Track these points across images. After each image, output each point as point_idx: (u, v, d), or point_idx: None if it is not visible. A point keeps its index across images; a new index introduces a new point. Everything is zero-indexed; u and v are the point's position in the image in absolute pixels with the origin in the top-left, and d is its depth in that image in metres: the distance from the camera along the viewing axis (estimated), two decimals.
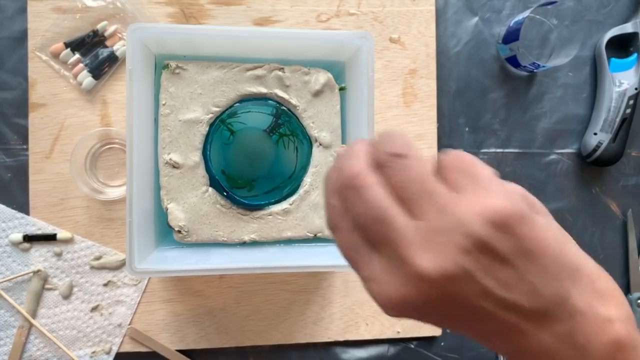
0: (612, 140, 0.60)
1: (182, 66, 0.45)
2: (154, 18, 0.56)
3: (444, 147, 0.60)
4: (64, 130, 0.55)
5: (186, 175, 0.45)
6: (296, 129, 0.48)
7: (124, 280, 0.55)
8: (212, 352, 0.57)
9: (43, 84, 0.55)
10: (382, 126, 0.58)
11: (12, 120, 0.55)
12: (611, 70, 0.60)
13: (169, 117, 0.45)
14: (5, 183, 0.55)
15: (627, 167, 0.63)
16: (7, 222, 0.54)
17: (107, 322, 0.55)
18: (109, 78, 0.55)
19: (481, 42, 0.61)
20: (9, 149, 0.55)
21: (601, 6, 0.63)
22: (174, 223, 0.45)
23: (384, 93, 0.59)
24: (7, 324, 0.54)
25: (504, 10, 0.62)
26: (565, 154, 0.62)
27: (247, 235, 0.46)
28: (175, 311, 0.56)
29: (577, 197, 0.62)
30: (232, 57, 0.46)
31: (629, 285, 0.62)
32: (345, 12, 0.58)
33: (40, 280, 0.54)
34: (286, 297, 0.57)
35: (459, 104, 0.61)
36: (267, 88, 0.46)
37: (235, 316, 0.56)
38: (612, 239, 0.63)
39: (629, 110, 0.59)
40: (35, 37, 0.54)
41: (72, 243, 0.55)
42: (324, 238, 0.48)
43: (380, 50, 0.59)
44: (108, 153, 0.55)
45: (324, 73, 0.47)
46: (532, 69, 0.59)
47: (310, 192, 0.47)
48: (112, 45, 0.56)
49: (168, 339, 0.56)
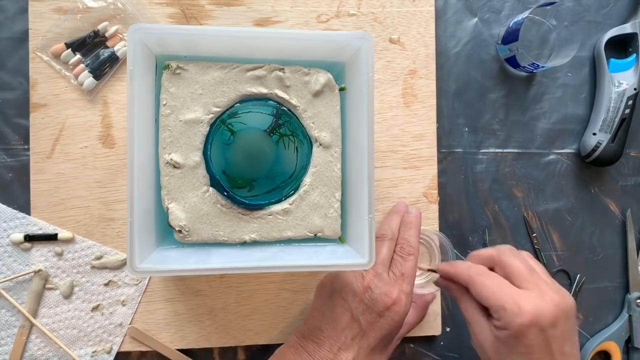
0: (611, 141, 0.60)
1: (182, 66, 0.45)
2: (155, 19, 0.56)
3: (443, 147, 0.60)
4: (64, 130, 0.55)
5: (187, 175, 0.45)
6: (296, 129, 0.48)
7: (125, 279, 0.55)
8: (212, 352, 0.57)
9: (44, 85, 0.55)
10: (382, 126, 0.58)
11: (13, 120, 0.55)
12: (610, 71, 0.60)
13: (169, 117, 0.45)
14: (6, 183, 0.55)
15: (626, 167, 0.63)
16: (8, 222, 0.54)
17: (108, 322, 0.55)
18: (110, 78, 0.56)
19: (480, 42, 0.61)
20: (10, 149, 0.55)
21: (600, 7, 0.63)
22: (175, 223, 0.45)
23: (383, 93, 0.59)
24: (8, 324, 0.54)
25: (503, 10, 0.62)
26: (564, 154, 0.63)
27: (248, 235, 0.46)
28: (175, 310, 0.56)
29: (577, 197, 0.63)
30: (233, 57, 0.46)
31: (628, 285, 0.63)
32: (345, 12, 0.58)
33: (41, 280, 0.54)
34: (286, 296, 0.57)
35: (458, 104, 0.61)
36: (267, 88, 0.46)
37: (235, 315, 0.57)
38: (611, 239, 0.63)
39: (627, 111, 0.59)
40: (36, 38, 0.54)
41: (73, 243, 0.55)
42: (324, 238, 0.48)
43: (380, 51, 0.59)
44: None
45: (324, 73, 0.47)
46: (532, 70, 0.59)
47: (310, 192, 0.47)
48: (113, 45, 0.56)
49: (169, 338, 0.56)
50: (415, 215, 0.50)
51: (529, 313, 0.41)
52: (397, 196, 0.59)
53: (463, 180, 0.61)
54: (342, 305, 0.46)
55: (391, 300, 0.45)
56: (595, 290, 0.62)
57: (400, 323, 0.46)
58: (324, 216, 0.47)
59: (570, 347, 0.43)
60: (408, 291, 0.46)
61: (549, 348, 0.42)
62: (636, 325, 0.61)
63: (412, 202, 0.59)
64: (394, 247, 0.49)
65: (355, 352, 0.45)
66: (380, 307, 0.45)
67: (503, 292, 0.43)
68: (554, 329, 0.42)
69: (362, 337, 0.45)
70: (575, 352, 0.44)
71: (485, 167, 0.61)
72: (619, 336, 0.61)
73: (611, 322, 0.63)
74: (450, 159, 0.61)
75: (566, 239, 0.62)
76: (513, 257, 0.46)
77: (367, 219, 0.42)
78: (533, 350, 0.42)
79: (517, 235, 0.62)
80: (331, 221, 0.48)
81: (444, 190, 0.60)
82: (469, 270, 0.46)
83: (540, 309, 0.41)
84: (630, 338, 0.62)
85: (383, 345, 0.46)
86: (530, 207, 0.62)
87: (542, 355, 0.42)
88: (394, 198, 0.59)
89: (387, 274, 0.46)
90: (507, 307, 0.42)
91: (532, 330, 0.41)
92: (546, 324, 0.41)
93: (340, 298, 0.46)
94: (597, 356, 0.62)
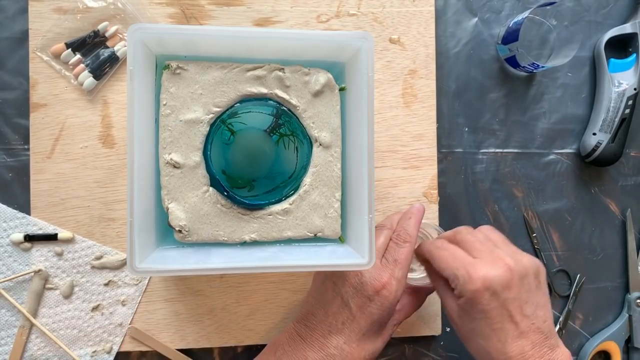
0: (611, 141, 0.60)
1: (182, 66, 0.45)
2: (155, 19, 0.56)
3: (443, 147, 0.60)
4: (65, 130, 0.55)
5: (187, 175, 0.45)
6: (296, 129, 0.48)
7: (125, 279, 0.55)
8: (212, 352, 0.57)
9: (44, 84, 0.55)
10: (382, 126, 0.58)
11: (13, 120, 0.55)
12: (610, 71, 0.60)
13: (169, 117, 0.45)
14: (6, 183, 0.55)
15: (626, 167, 0.63)
16: (8, 222, 0.54)
17: (108, 322, 0.55)
18: (110, 78, 0.56)
19: (480, 42, 0.61)
20: (10, 149, 0.55)
21: (600, 7, 0.63)
22: (175, 223, 0.45)
23: (383, 93, 0.59)
24: (8, 324, 0.54)
25: (503, 10, 0.62)
26: (564, 154, 0.63)
27: (248, 234, 0.46)
28: (175, 310, 0.56)
29: (576, 197, 0.63)
30: (233, 57, 0.46)
31: (627, 285, 0.63)
32: (345, 12, 0.58)
33: (41, 280, 0.54)
34: (286, 296, 0.57)
35: (458, 104, 0.61)
36: (267, 88, 0.46)
37: (235, 315, 0.57)
38: (611, 239, 0.63)
39: (627, 111, 0.59)
40: (36, 38, 0.55)
41: (73, 243, 0.55)
42: (324, 238, 0.48)
43: (380, 51, 0.59)
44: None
45: (324, 73, 0.47)
46: (532, 70, 0.59)
47: (310, 192, 0.47)
48: (113, 45, 0.56)
49: (169, 338, 0.56)
50: (418, 208, 0.50)
51: (479, 279, 0.43)
52: (397, 196, 0.59)
53: (463, 180, 0.61)
54: (332, 289, 0.47)
55: (380, 284, 0.45)
56: (595, 290, 0.62)
57: (390, 309, 0.46)
58: (324, 216, 0.47)
59: (533, 309, 0.44)
60: (399, 276, 0.46)
61: (506, 311, 0.43)
62: (636, 325, 0.61)
63: (412, 202, 0.59)
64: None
65: (345, 336, 0.45)
66: (369, 290, 0.45)
67: (456, 262, 0.45)
68: (507, 292, 0.43)
69: (352, 322, 0.45)
70: (541, 313, 0.44)
71: (485, 167, 0.61)
72: (619, 336, 0.61)
73: (611, 322, 0.63)
74: (450, 159, 0.61)
75: (566, 239, 0.62)
76: (466, 233, 0.48)
77: (367, 219, 0.42)
78: (490, 314, 0.43)
79: (517, 235, 0.62)
80: (331, 221, 0.48)
81: (444, 190, 0.60)
82: (430, 245, 0.49)
83: (490, 273, 0.43)
84: (630, 338, 0.62)
85: (375, 330, 0.47)
86: (530, 207, 0.62)
87: (500, 318, 0.43)
88: (394, 198, 0.59)
89: (380, 260, 0.47)
90: (459, 275, 0.44)
91: (485, 295, 0.42)
92: (499, 288, 0.42)
93: (331, 283, 0.47)
94: (597, 356, 0.62)
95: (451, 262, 0.45)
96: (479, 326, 0.44)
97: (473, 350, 0.46)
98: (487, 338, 0.43)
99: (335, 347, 0.45)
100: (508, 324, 0.43)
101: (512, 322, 0.43)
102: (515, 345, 0.43)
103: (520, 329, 0.43)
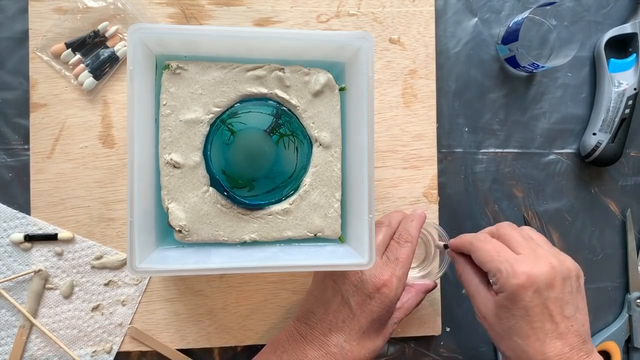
0: (611, 141, 0.60)
1: (182, 66, 0.45)
2: (155, 19, 0.56)
3: (443, 147, 0.60)
4: (65, 130, 0.55)
5: (187, 175, 0.45)
6: (296, 129, 0.48)
7: (125, 279, 0.55)
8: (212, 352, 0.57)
9: (44, 84, 0.55)
10: (382, 126, 0.58)
11: (13, 120, 0.55)
12: (610, 71, 0.60)
13: (169, 117, 0.45)
14: (6, 183, 0.55)
15: (626, 167, 0.63)
16: (8, 222, 0.54)
17: (108, 322, 0.55)
18: (110, 78, 0.56)
19: (480, 42, 0.61)
20: (10, 149, 0.55)
21: (600, 7, 0.63)
22: (175, 223, 0.45)
23: (383, 93, 0.59)
24: (8, 324, 0.54)
25: (503, 10, 0.62)
26: (564, 154, 0.63)
27: (248, 234, 0.46)
28: (175, 310, 0.56)
29: (576, 197, 0.63)
30: (233, 57, 0.46)
31: (628, 285, 0.63)
32: (345, 12, 0.58)
33: (41, 280, 0.54)
34: (286, 296, 0.57)
35: (458, 104, 0.61)
36: (267, 88, 0.46)
37: (235, 315, 0.57)
38: (611, 239, 0.63)
39: (627, 111, 0.59)
40: (36, 38, 0.55)
41: (73, 243, 0.55)
42: (324, 238, 0.48)
43: (380, 51, 0.59)
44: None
45: (324, 73, 0.47)
46: (532, 70, 0.59)
47: (310, 192, 0.47)
48: (113, 45, 0.56)
49: (169, 338, 0.56)
50: (420, 214, 0.51)
51: (524, 274, 0.42)
52: (397, 196, 0.59)
53: (463, 180, 0.61)
54: (333, 287, 0.47)
55: (381, 281, 0.45)
56: (595, 290, 0.62)
57: (390, 306, 0.46)
58: (324, 216, 0.47)
59: (573, 311, 0.43)
60: (400, 275, 0.46)
61: (547, 310, 0.42)
62: (636, 325, 0.61)
63: (412, 202, 0.59)
64: (392, 235, 0.49)
65: (346, 334, 0.45)
66: (369, 288, 0.45)
67: (499, 256, 0.44)
68: (550, 291, 0.42)
69: (352, 320, 0.45)
70: (580, 316, 0.43)
71: (485, 167, 0.61)
72: (619, 336, 0.61)
73: (611, 322, 0.63)
74: (450, 159, 0.61)
75: (566, 239, 0.62)
76: (510, 229, 0.48)
77: (367, 219, 0.42)
78: (531, 312, 0.42)
79: None
80: (331, 221, 0.48)
81: (444, 190, 0.60)
82: (472, 238, 0.48)
83: (535, 270, 0.42)
84: (630, 338, 0.62)
85: (376, 329, 0.46)
86: (530, 207, 0.62)
87: (541, 317, 0.42)
88: (394, 198, 0.59)
89: (380, 258, 0.47)
90: (503, 269, 0.43)
91: (527, 292, 0.42)
92: (542, 286, 0.42)
93: (332, 281, 0.47)
94: None
95: (495, 255, 0.44)
96: (518, 324, 0.43)
97: (508, 350, 0.44)
98: (525, 337, 0.42)
99: (335, 345, 0.45)
100: (548, 324, 0.42)
101: (552, 322, 0.42)
102: (554, 346, 0.42)
103: (560, 330, 0.42)
